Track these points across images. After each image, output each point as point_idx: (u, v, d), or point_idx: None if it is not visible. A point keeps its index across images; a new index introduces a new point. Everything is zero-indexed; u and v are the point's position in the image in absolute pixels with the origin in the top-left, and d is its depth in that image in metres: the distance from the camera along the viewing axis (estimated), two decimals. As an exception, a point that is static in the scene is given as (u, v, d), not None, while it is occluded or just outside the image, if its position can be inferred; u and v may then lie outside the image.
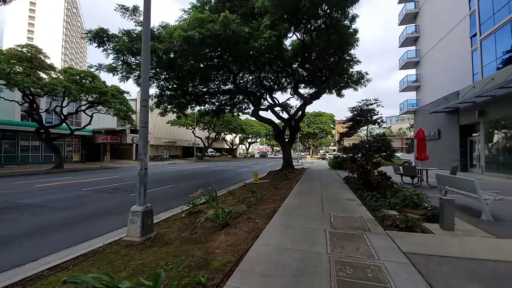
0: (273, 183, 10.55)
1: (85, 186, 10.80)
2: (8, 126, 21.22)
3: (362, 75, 17.90)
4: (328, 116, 56.15)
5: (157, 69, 12.85)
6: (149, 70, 4.14)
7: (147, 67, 4.42)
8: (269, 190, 8.44)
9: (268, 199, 6.93)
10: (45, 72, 16.87)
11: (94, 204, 7.59)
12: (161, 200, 8.22)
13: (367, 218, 4.49)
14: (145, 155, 4.30)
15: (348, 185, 8.73)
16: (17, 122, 22.19)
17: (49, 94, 17.91)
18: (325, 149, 79.49)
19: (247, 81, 18.03)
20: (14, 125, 21.73)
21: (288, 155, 16.73)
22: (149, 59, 4.49)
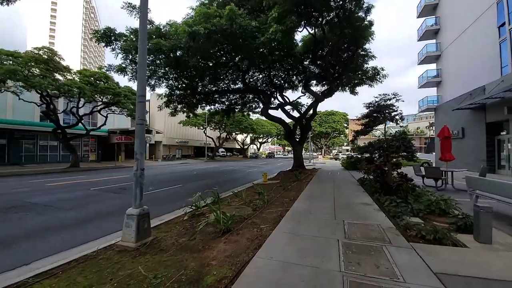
0: (283, 184, 10.08)
1: (95, 186, 10.85)
2: (28, 126, 22.11)
3: (377, 71, 16.97)
4: (341, 115, 54.62)
5: (166, 68, 12.78)
6: (146, 65, 3.83)
7: (144, 61, 4.14)
8: (277, 192, 8.00)
9: (276, 201, 6.50)
10: (61, 73, 17.34)
11: (99, 204, 7.49)
12: (168, 200, 8.03)
13: (386, 226, 3.95)
14: (142, 154, 4.01)
15: (363, 187, 8.10)
16: (36, 123, 23.08)
17: (65, 95, 18.42)
18: (338, 149, 77.56)
19: (257, 79, 17.64)
20: (33, 126, 22.61)
21: (299, 155, 16.15)
22: (146, 53, 4.21)
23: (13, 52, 15.07)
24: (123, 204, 7.49)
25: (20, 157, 22.75)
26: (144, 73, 4.12)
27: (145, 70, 4.19)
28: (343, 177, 11.95)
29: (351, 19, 11.13)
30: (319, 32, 13.39)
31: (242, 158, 52.53)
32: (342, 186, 8.56)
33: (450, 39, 20.24)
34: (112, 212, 6.51)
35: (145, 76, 4.20)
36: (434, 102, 22.05)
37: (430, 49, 22.16)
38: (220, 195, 7.50)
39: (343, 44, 14.75)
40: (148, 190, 9.81)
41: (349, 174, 13.56)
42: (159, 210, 6.73)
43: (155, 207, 7.04)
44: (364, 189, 7.74)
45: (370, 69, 16.94)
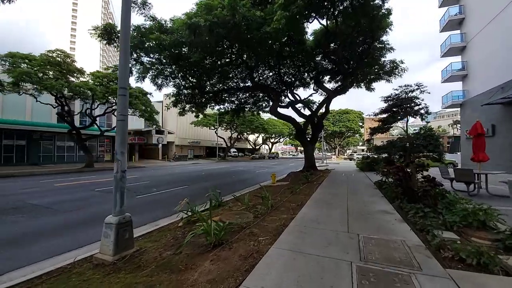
0: (292, 186, 9.38)
1: (100, 186, 10.73)
2: (45, 128, 22.90)
3: (396, 65, 15.71)
4: (356, 113, 52.61)
5: (172, 67, 12.48)
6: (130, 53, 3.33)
7: (127, 48, 3.66)
8: (284, 195, 7.34)
9: (281, 206, 5.84)
10: (73, 75, 17.67)
11: (98, 206, 7.21)
12: (168, 203, 7.59)
13: (413, 243, 3.19)
14: (123, 154, 3.53)
15: (381, 191, 7.23)
16: (53, 124, 23.83)
17: (78, 97, 18.80)
18: (353, 149, 75.00)
19: (267, 77, 17.00)
20: (51, 127, 23.38)
21: (310, 155, 15.33)
22: (129, 39, 3.73)
23: (28, 55, 15.49)
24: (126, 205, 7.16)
25: (38, 157, 23.63)
26: (126, 61, 3.64)
27: (128, 58, 3.71)
28: (358, 179, 11.02)
29: (366, 7, 10.21)
30: (331, 24, 12.55)
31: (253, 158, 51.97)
32: (357, 190, 7.73)
33: (476, 28, 18.49)
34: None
35: (127, 65, 3.72)
36: (460, 98, 20.30)
37: (454, 40, 20.43)
38: (222, 198, 6.99)
39: (358, 37, 13.79)
40: (151, 191, 9.50)
41: (365, 175, 12.57)
42: (156, 214, 6.32)
43: (153, 211, 6.65)
44: (382, 193, 6.88)
45: (387, 63, 15.73)
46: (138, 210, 6.77)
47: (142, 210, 6.72)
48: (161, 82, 13.83)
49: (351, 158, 41.17)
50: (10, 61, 14.88)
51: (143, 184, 11.41)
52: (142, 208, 6.91)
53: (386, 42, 14.62)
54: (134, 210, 6.74)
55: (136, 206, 7.20)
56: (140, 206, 7.23)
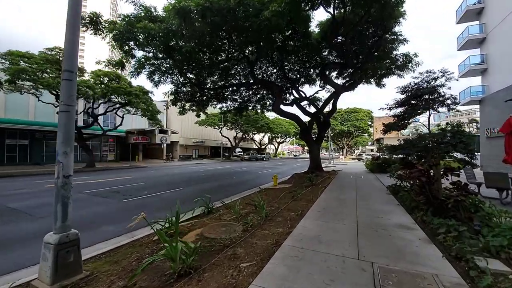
0: (294, 190, 8.49)
1: (91, 188, 10.15)
2: (48, 127, 22.73)
3: (409, 58, 14.46)
4: (365, 112, 50.89)
5: (168, 60, 11.80)
6: (79, 28, 2.53)
7: (76, 22, 2.91)
8: (284, 201, 6.46)
9: (278, 216, 4.98)
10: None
11: (77, 211, 6.51)
12: (157, 208, 6.87)
13: (450, 281, 2.27)
14: (66, 155, 2.77)
15: (396, 198, 6.25)
16: (56, 124, 23.55)
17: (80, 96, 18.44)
18: (361, 149, 73.01)
19: (271, 74, 16.13)
20: (53, 126, 23.11)
21: (315, 155, 14.35)
22: (79, 11, 2.97)
23: (26, 53, 15.18)
24: (101, 212, 6.50)
25: (41, 157, 23.58)
26: (74, 38, 2.88)
27: (76, 35, 2.94)
28: (369, 183, 9.99)
29: (377, -8, 9.24)
30: (338, 13, 11.59)
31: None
32: (367, 196, 6.76)
33: (497, 18, 17.00)
34: (82, 223, 5.43)
35: (75, 43, 2.96)
36: (479, 94, 18.80)
37: (472, 31, 18.94)
38: (213, 204, 6.19)
39: (368, 29, 12.77)
40: (142, 194, 8.81)
41: (375, 178, 11.51)
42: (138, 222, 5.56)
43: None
44: (398, 201, 5.90)
45: (400, 56, 14.53)
46: (119, 216, 6.06)
47: (123, 217, 5.99)
48: (158, 78, 13.20)
49: (360, 158, 39.70)
50: (8, 59, 14.61)
51: (136, 186, 10.77)
52: (125, 215, 6.18)
53: (399, 33, 13.46)
54: (115, 217, 6.06)
55: (119, 212, 6.50)
56: (124, 211, 6.53)
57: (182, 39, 7.91)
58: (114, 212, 6.46)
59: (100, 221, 5.73)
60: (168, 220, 4.37)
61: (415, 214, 4.35)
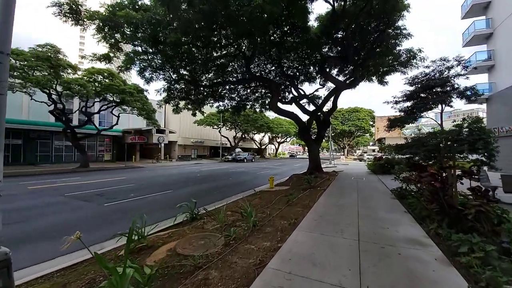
0: (290, 193, 7.87)
1: (76, 190, 9.57)
2: (42, 126, 22.26)
3: (413, 54, 13.76)
4: (366, 112, 50.13)
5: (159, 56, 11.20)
6: (13, 8, 1.85)
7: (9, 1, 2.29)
8: (277, 206, 5.84)
9: (268, 225, 4.36)
10: (64, 71, 16.76)
11: (52, 217, 5.96)
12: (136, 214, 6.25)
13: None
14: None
15: (402, 204, 5.61)
16: (50, 123, 23.11)
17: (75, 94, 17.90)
18: (363, 149, 72.18)
19: (269, 72, 15.48)
20: (47, 126, 22.69)
21: (315, 156, 13.71)
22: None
23: (14, 50, 14.60)
24: (77, 218, 5.90)
25: (35, 157, 23.06)
26: (5, 18, 2.27)
27: (9, 14, 2.32)
28: (371, 185, 9.34)
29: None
30: (338, 5, 10.97)
31: (259, 158, 50.49)
32: (370, 200, 6.11)
33: (505, 12, 16.30)
34: (46, 234, 4.84)
35: (8, 23, 2.34)
36: (485, 91, 18.09)
37: (479, 26, 18.24)
38: (199, 210, 5.58)
39: (370, 24, 12.16)
40: (128, 197, 8.21)
41: (378, 180, 10.85)
42: (114, 230, 4.91)
43: (112, 226, 5.29)
44: (405, 207, 5.25)
45: (403, 52, 13.83)
46: (93, 224, 5.46)
47: (99, 224, 5.40)
48: (149, 75, 12.62)
49: (361, 158, 38.96)
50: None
51: (125, 188, 10.18)
52: (99, 222, 5.59)
53: (402, 27, 12.78)
54: (88, 225, 5.45)
55: (94, 218, 5.90)
56: (100, 218, 5.92)
57: (168, 30, 7.28)
58: (89, 218, 5.86)
59: (68, 230, 5.12)
60: (138, 231, 3.76)
61: (427, 226, 3.70)
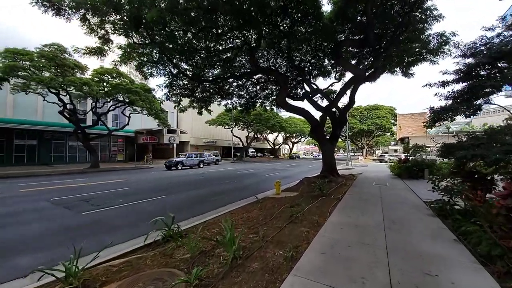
0: (297, 202, 6.55)
1: (67, 193, 8.91)
2: (55, 127, 22.61)
3: (445, 39, 11.73)
4: (387, 109, 46.92)
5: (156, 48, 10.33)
6: None
7: None
8: (277, 223, 4.56)
9: (255, 258, 3.11)
10: (70, 71, 16.59)
11: (14, 228, 5.19)
12: (111, 227, 5.30)
13: None
14: None
15: (447, 225, 4.11)
16: (64, 124, 23.29)
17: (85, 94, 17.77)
18: (383, 149, 68.15)
19: (279, 66, 14.14)
20: (62, 127, 22.94)
21: (329, 157, 12.17)
22: None
23: (20, 50, 14.55)
24: (42, 231, 5.03)
25: (49, 157, 23.48)
26: None
27: None
28: (398, 194, 7.70)
29: None
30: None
31: (272, 159, 49.12)
32: (402, 220, 4.60)
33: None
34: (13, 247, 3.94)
35: None
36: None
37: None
38: (179, 225, 4.47)
39: (392, 7, 10.51)
40: (114, 204, 7.33)
41: (406, 187, 9.14)
42: (72, 250, 3.84)
43: (71, 244, 4.24)
44: (453, 233, 3.76)
45: (434, 37, 11.83)
46: (54, 240, 4.54)
47: (59, 242, 4.45)
48: (149, 70, 11.83)
49: (382, 159, 36.25)
50: (3, 56, 14.09)
51: (119, 192, 9.38)
52: (66, 236, 4.67)
53: (433, 7, 10.87)
54: (47, 241, 4.53)
55: (62, 231, 5.00)
56: (68, 231, 5.02)
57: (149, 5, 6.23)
58: (53, 232, 4.96)
59: (23, 246, 4.23)
60: (67, 266, 2.68)
61: (502, 274, 2.28)
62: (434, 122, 6.36)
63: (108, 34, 8.43)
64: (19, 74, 13.54)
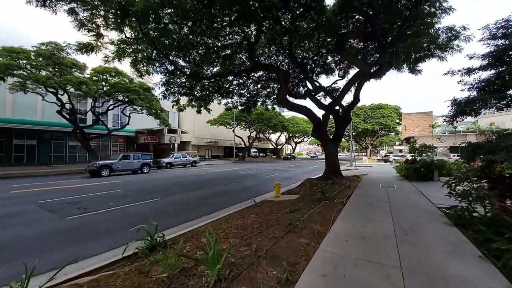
0: (297, 207, 6.05)
1: (56, 196, 8.51)
2: (55, 127, 22.35)
3: (455, 33, 11.06)
4: (392, 108, 45.98)
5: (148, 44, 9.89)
6: None
7: None
8: (273, 233, 4.05)
9: (243, 280, 2.61)
10: (68, 69, 16.30)
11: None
12: (97, 233, 4.86)
13: None
14: None
15: (469, 238, 3.57)
16: (64, 124, 23.08)
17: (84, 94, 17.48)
18: (387, 149, 67.05)
19: (280, 64, 13.63)
20: (61, 126, 22.69)
21: (332, 157, 11.61)
22: None
23: (17, 48, 14.28)
24: (20, 237, 4.61)
25: (49, 157, 23.28)
26: None
27: None
28: (408, 198, 7.12)
29: None
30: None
31: (274, 159, 48.55)
32: (415, 230, 4.01)
33: None
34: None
35: None
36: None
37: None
38: (162, 235, 4.00)
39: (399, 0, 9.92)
40: (103, 208, 6.89)
41: (416, 190, 8.54)
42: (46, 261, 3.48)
43: (41, 255, 3.81)
44: (479, 248, 3.23)
45: (443, 31, 11.17)
46: (29, 249, 4.12)
47: (25, 252, 4.00)
48: (145, 67, 11.43)
49: (387, 160, 35.44)
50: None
51: (110, 194, 8.97)
52: (40, 246, 4.23)
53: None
54: (22, 250, 4.12)
55: (39, 239, 4.59)
56: (46, 239, 4.59)
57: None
58: (28, 239, 4.53)
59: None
60: (19, 285, 2.22)
61: None
62: (456, 116, 5.63)
63: (99, 28, 8.02)
64: (15, 73, 13.24)
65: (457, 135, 35.80)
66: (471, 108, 5.08)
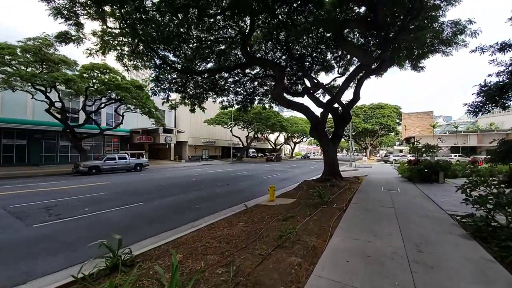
0: (292, 213, 5.43)
1: (31, 199, 7.83)
2: (46, 126, 21.58)
3: (461, 27, 10.43)
4: (392, 108, 45.41)
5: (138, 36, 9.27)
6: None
7: None
8: (261, 248, 3.43)
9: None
10: (55, 66, 15.61)
11: None
12: (58, 247, 4.19)
13: None
14: None
15: (494, 255, 2.98)
16: (55, 123, 22.34)
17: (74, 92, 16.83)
18: (387, 149, 66.55)
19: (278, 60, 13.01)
20: (52, 126, 21.92)
21: (331, 158, 10.99)
22: None
23: (1, 44, 13.58)
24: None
25: (40, 157, 22.55)
26: None
27: None
28: (414, 202, 6.49)
29: None
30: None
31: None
32: (428, 244, 3.36)
33: None
34: None
35: None
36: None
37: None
38: (129, 251, 3.37)
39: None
40: (78, 213, 6.24)
41: (419, 191, 7.94)
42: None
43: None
44: (499, 260, 2.64)
45: (448, 25, 10.55)
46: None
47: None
48: (131, 62, 10.79)
49: (387, 160, 34.86)
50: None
51: (92, 198, 8.31)
52: None
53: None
54: None
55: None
56: None
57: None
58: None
59: None
60: None
61: None
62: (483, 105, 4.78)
63: (78, 17, 7.36)
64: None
65: (457, 135, 35.28)
66: (505, 95, 4.25)
